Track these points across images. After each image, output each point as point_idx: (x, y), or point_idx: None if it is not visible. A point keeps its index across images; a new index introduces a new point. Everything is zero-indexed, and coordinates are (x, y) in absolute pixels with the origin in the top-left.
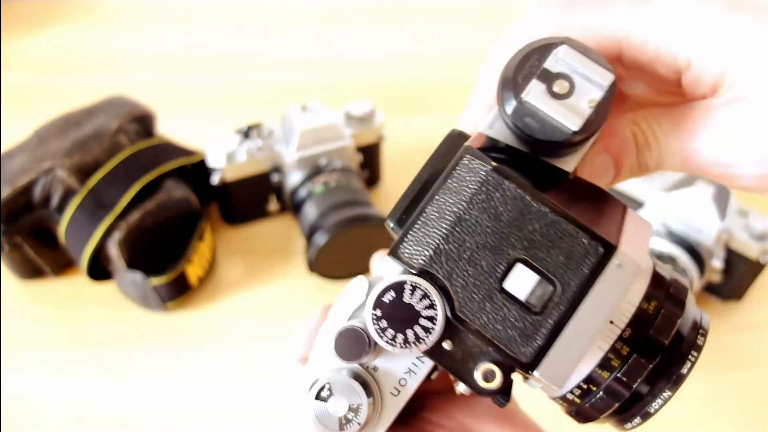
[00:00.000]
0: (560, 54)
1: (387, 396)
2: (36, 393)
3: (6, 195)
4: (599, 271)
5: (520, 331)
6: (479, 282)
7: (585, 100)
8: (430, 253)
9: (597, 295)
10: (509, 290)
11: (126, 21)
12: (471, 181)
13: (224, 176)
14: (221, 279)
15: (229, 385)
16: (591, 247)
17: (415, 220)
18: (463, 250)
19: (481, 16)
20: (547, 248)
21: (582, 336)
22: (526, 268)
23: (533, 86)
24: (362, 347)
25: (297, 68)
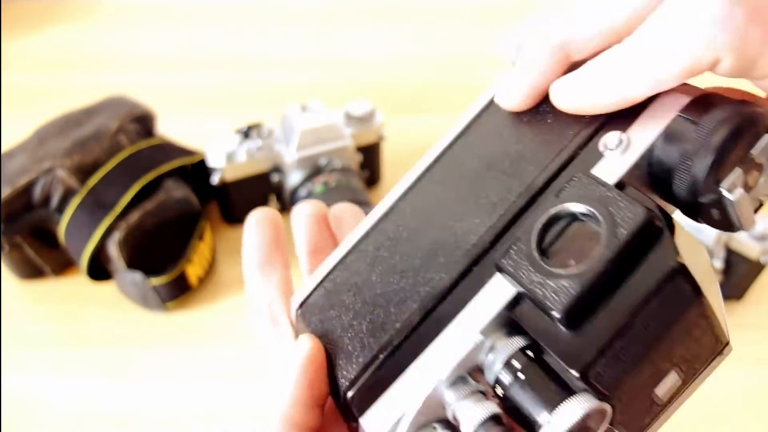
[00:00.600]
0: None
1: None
2: (36, 393)
3: (6, 195)
4: (711, 362)
5: (643, 417)
6: (640, 395)
7: (763, 194)
8: (619, 379)
9: (701, 379)
10: (657, 393)
11: (126, 21)
12: (678, 303)
13: (224, 176)
14: (221, 279)
15: (229, 385)
16: (718, 345)
17: (611, 338)
18: (643, 374)
19: (481, 16)
20: (694, 350)
21: (675, 410)
22: (676, 375)
23: (737, 180)
24: None
25: (297, 68)
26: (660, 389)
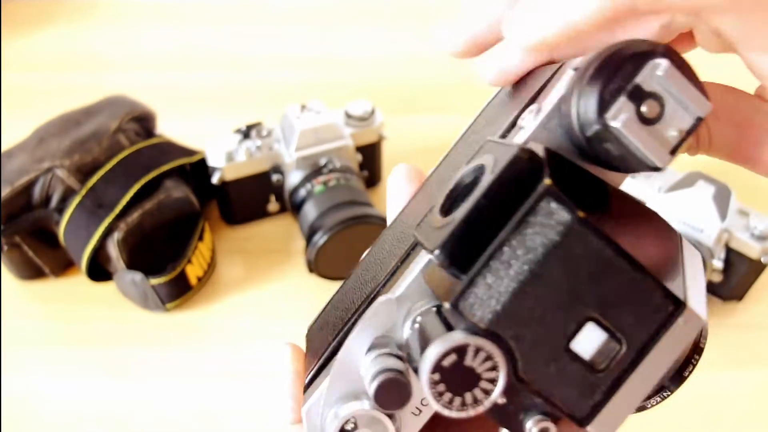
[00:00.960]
0: (660, 71)
1: (407, 416)
2: (36, 393)
3: (6, 195)
4: (665, 329)
5: (580, 389)
6: (546, 343)
7: (675, 128)
8: (498, 312)
9: (659, 352)
10: (575, 350)
11: (125, 21)
12: (551, 230)
13: (224, 176)
14: (221, 279)
15: (229, 385)
16: (663, 304)
17: (481, 270)
18: (534, 310)
19: None
20: (620, 305)
21: (637, 392)
22: (596, 327)
23: (622, 107)
24: (406, 397)
25: (297, 68)
26: (582, 346)
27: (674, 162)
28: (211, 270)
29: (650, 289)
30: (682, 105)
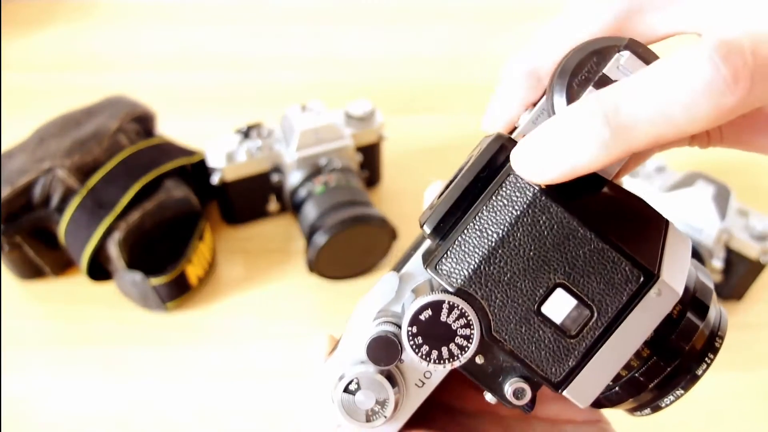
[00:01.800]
0: (622, 61)
1: (411, 387)
2: (36, 393)
3: (6, 195)
4: (637, 299)
5: (553, 353)
6: (517, 305)
7: None
8: (470, 273)
9: (632, 322)
10: (546, 314)
11: (125, 21)
12: (517, 202)
13: (224, 176)
14: (221, 279)
15: (229, 385)
16: (632, 275)
17: (457, 236)
18: (503, 273)
19: (481, 16)
20: (588, 274)
21: (613, 360)
22: (565, 292)
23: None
24: (395, 354)
25: (297, 68)
26: (552, 310)
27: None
28: (211, 270)
29: (617, 260)
30: None
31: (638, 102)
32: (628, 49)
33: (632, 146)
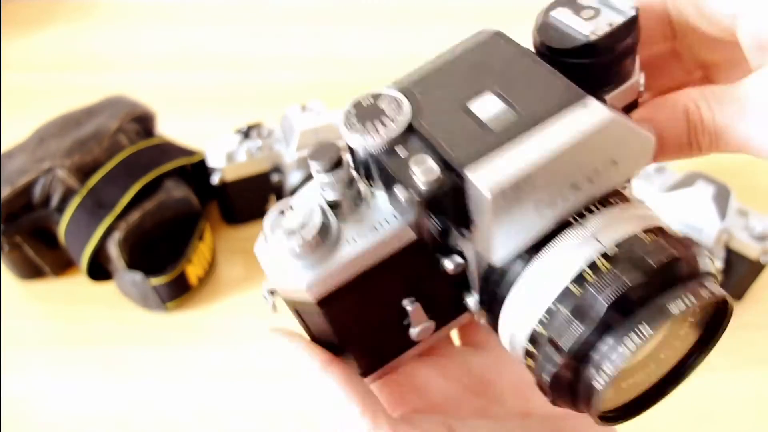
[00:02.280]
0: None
1: (364, 227)
2: (36, 393)
3: (6, 195)
4: (562, 108)
5: (468, 139)
6: (448, 101)
7: (606, 22)
8: (416, 79)
9: (556, 126)
10: (473, 110)
11: (125, 21)
12: (475, 39)
13: (224, 176)
14: (221, 279)
15: (229, 385)
16: (565, 91)
17: (421, 66)
18: (445, 80)
19: (481, 16)
20: (523, 87)
21: (530, 157)
22: (495, 97)
23: (561, 9)
24: (335, 155)
25: (297, 68)
26: (479, 108)
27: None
28: (211, 270)
29: (554, 79)
30: (613, 9)
31: None
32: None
33: None
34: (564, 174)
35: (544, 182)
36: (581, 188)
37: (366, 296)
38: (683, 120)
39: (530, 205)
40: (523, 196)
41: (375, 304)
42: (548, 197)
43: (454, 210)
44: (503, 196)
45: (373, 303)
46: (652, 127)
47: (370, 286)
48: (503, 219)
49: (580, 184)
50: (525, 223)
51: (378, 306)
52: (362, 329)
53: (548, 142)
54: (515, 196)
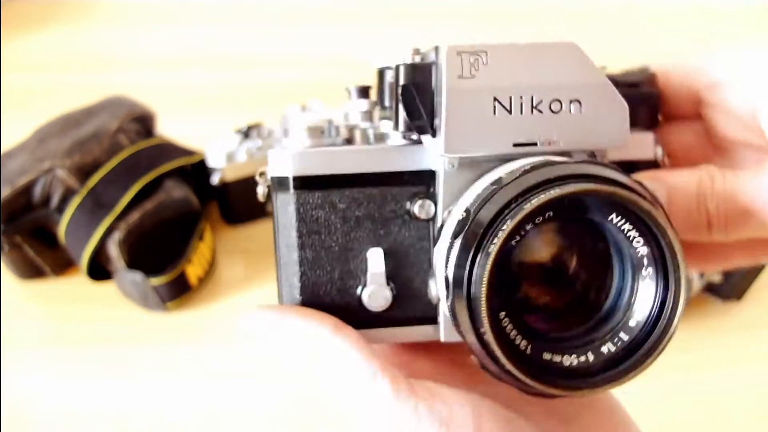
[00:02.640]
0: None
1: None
2: (36, 393)
3: (6, 195)
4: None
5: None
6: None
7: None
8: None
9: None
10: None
11: (126, 21)
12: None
13: (224, 176)
14: (221, 279)
15: (229, 385)
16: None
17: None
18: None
19: (480, 16)
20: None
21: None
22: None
23: None
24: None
25: (297, 68)
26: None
27: None
28: (211, 270)
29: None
30: None
31: None
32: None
33: None
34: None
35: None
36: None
37: (338, 207)
38: (694, 183)
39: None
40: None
41: (343, 223)
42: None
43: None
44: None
45: (342, 220)
46: (664, 186)
47: (345, 196)
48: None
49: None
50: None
51: (344, 233)
52: (326, 254)
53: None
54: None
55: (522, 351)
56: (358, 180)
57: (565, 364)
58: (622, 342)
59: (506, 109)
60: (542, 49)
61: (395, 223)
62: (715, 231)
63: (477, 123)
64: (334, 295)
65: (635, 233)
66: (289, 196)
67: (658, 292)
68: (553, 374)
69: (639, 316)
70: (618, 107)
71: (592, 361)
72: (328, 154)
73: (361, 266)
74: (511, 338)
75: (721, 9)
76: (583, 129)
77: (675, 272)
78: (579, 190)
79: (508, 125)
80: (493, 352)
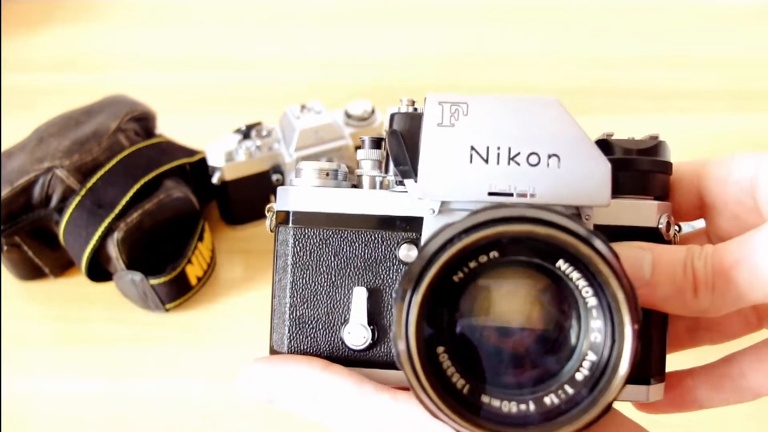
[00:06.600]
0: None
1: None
2: (36, 393)
3: (5, 195)
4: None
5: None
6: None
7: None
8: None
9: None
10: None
11: (125, 21)
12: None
13: (224, 176)
14: (221, 279)
15: (229, 385)
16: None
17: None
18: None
19: (481, 16)
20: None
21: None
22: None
23: None
24: (379, 140)
25: (297, 68)
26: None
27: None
28: (210, 270)
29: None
30: None
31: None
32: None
33: None
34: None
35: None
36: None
37: (331, 244)
38: (683, 251)
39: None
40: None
41: (334, 260)
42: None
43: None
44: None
45: (333, 257)
46: (651, 252)
47: (339, 234)
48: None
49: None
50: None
51: (334, 270)
52: (315, 289)
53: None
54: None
55: (457, 390)
56: (353, 220)
57: (503, 410)
58: (566, 395)
59: (483, 159)
60: (523, 102)
61: (383, 266)
62: (702, 294)
63: (453, 170)
64: (320, 334)
65: (584, 282)
66: (288, 230)
67: (606, 345)
68: (485, 418)
69: (586, 371)
70: (599, 165)
71: (532, 410)
72: (328, 193)
73: (345, 304)
74: (448, 375)
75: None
76: (561, 184)
77: (619, 326)
78: (514, 230)
79: (483, 174)
80: (422, 383)
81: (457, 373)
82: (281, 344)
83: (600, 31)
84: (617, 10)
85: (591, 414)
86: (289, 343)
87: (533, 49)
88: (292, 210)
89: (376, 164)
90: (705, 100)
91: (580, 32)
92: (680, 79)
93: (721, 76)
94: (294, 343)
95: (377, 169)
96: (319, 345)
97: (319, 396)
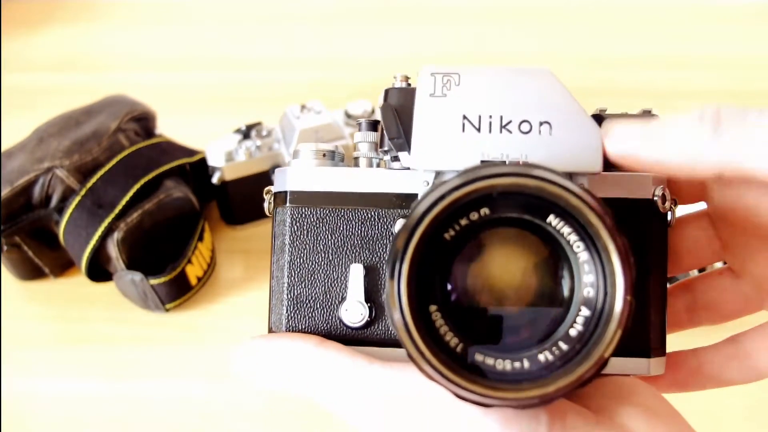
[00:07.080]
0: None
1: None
2: (36, 393)
3: (6, 195)
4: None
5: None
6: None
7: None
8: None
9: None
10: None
11: (125, 21)
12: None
13: (224, 175)
14: (221, 279)
15: (229, 385)
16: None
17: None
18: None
19: (481, 16)
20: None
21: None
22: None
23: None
24: (376, 122)
25: (297, 68)
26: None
27: None
28: (210, 270)
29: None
30: None
31: None
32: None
33: None
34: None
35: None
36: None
37: (328, 222)
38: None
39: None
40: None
41: (330, 238)
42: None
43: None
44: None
45: (330, 235)
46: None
47: (336, 212)
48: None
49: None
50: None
51: (331, 248)
52: (313, 268)
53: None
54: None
55: (451, 348)
56: (350, 198)
57: (498, 368)
58: (560, 351)
59: (475, 128)
60: (515, 72)
61: (380, 244)
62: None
63: (446, 140)
64: (318, 313)
65: (575, 237)
66: (286, 209)
67: (599, 299)
68: (480, 374)
69: (580, 326)
70: (590, 132)
71: (527, 368)
72: (324, 172)
73: (343, 282)
74: (441, 333)
75: (721, 9)
76: (553, 151)
77: (611, 277)
78: (504, 183)
79: (476, 143)
80: (416, 342)
81: (451, 332)
82: (279, 324)
83: (600, 31)
84: (617, 10)
85: (584, 366)
86: (287, 322)
87: (533, 49)
88: (289, 190)
89: (372, 146)
90: (705, 100)
91: (580, 32)
92: (680, 79)
93: (721, 76)
94: (292, 322)
95: (374, 151)
96: (317, 324)
97: (312, 370)
